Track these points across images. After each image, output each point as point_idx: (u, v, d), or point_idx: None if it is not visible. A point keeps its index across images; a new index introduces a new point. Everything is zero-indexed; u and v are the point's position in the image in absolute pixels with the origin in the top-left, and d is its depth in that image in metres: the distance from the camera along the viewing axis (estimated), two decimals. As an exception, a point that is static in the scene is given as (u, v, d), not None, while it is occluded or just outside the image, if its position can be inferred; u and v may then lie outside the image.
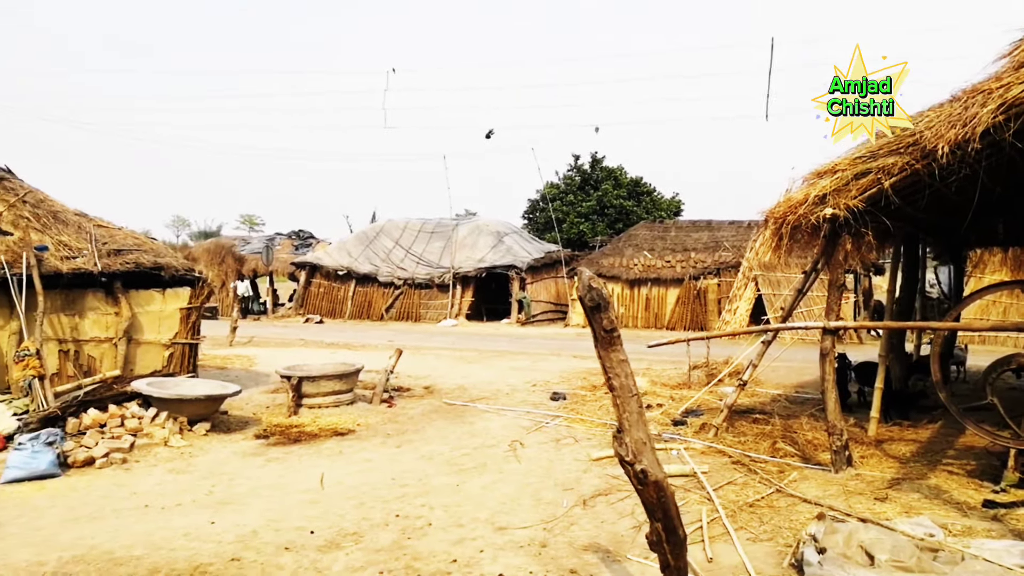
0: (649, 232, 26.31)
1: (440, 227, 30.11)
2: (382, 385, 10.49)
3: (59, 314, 9.05)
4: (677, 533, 3.11)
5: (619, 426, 3.04)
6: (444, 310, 27.02)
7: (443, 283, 27.34)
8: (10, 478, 6.45)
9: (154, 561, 4.65)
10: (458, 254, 27.98)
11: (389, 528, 5.28)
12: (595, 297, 2.88)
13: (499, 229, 29.56)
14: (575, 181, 39.06)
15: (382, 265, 28.61)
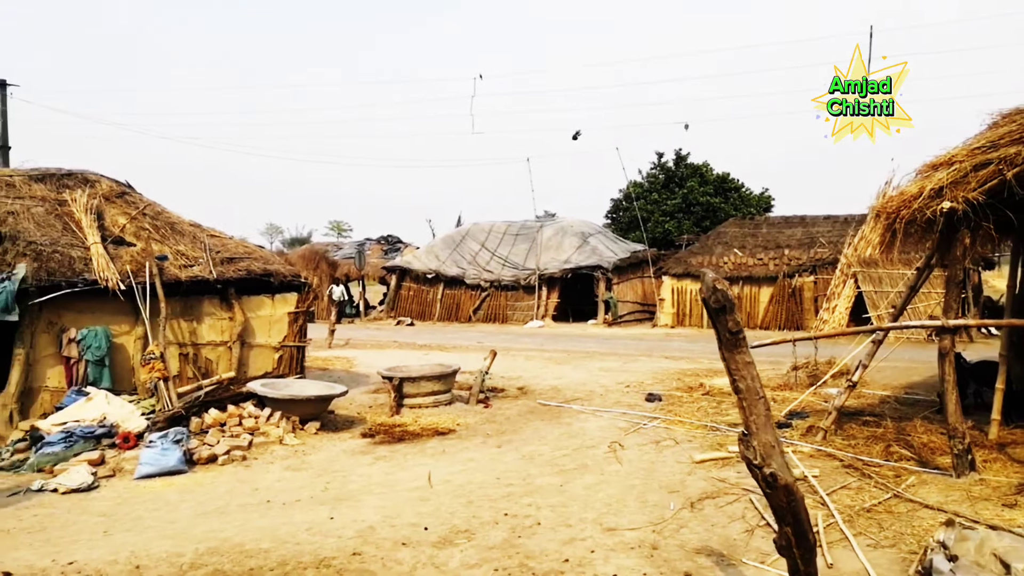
0: (739, 229, 25.69)
1: (524, 229, 30.29)
2: (478, 386, 10.67)
3: (179, 319, 9.63)
4: (807, 538, 3.06)
5: (746, 429, 3.02)
6: (530, 311, 27.17)
7: (529, 285, 27.49)
8: (143, 474, 6.93)
9: (281, 554, 4.91)
10: (543, 255, 28.08)
11: (499, 526, 5.39)
12: (720, 299, 2.87)
13: (584, 230, 29.49)
14: (659, 179, 38.52)
15: (469, 268, 29.03)
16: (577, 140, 27.75)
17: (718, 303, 2.88)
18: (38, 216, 9.46)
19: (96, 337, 8.74)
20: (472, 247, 30.04)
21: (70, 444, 7.34)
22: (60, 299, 8.66)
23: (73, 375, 8.69)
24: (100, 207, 10.03)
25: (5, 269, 8.45)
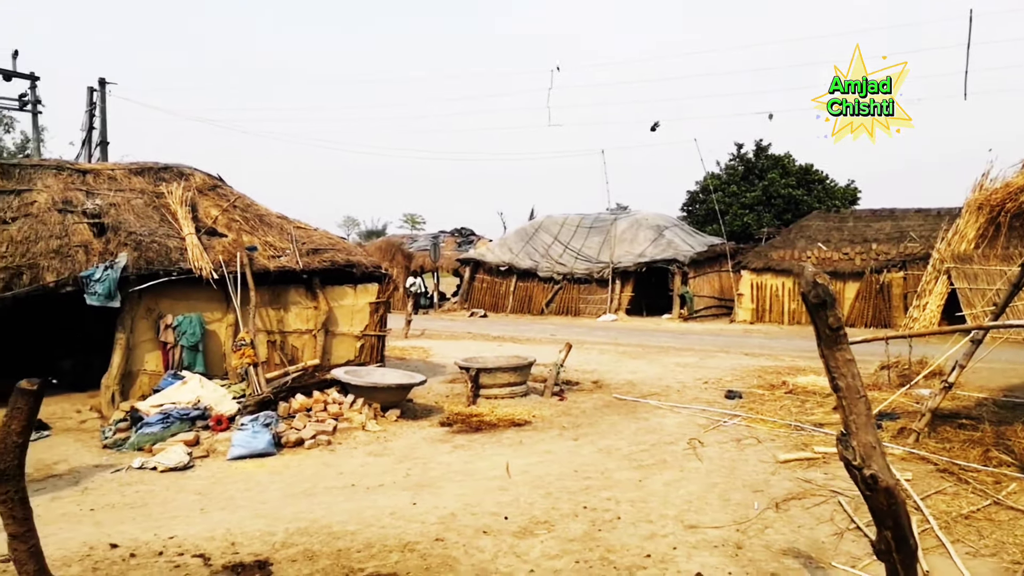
0: (823, 222, 24.81)
1: (598, 222, 30.08)
2: (553, 378, 10.68)
3: (267, 308, 10.01)
4: (908, 543, 2.95)
5: (844, 429, 2.92)
6: (603, 305, 26.99)
7: (602, 278, 27.31)
8: (235, 455, 7.24)
9: (367, 537, 5.05)
10: (617, 249, 27.83)
11: (579, 519, 5.39)
12: (820, 293, 2.79)
13: (659, 223, 29.07)
14: (738, 171, 37.58)
15: (541, 261, 29.05)
16: (656, 131, 27.26)
17: (818, 298, 2.79)
18: (138, 208, 9.98)
19: (191, 324, 9.18)
20: (545, 240, 30.04)
21: (167, 425, 7.73)
22: (157, 287, 9.13)
23: (169, 359, 9.16)
24: (194, 199, 10.50)
25: (108, 258, 8.96)
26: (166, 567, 4.58)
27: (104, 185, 10.29)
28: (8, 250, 8.77)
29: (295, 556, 4.73)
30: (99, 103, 20.55)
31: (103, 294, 8.55)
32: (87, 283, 8.58)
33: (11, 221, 9.20)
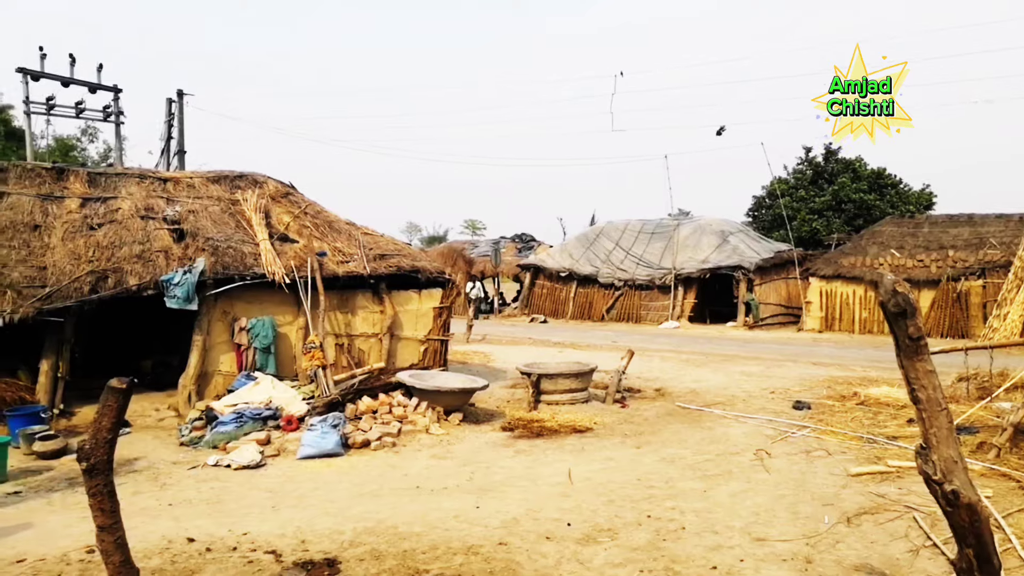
0: (896, 228, 23.90)
1: (660, 228, 29.72)
2: (615, 385, 10.61)
3: (335, 312, 10.26)
4: (991, 562, 2.84)
5: (924, 442, 2.83)
6: (665, 312, 26.65)
7: (664, 284, 26.97)
8: (304, 455, 7.45)
9: (432, 539, 5.12)
10: (680, 255, 27.45)
11: (642, 528, 5.35)
12: (900, 302, 2.71)
13: (723, 228, 28.53)
14: (806, 175, 36.55)
15: (602, 266, 28.88)
16: (722, 135, 26.75)
17: (898, 307, 2.72)
18: (214, 214, 10.39)
19: (263, 326, 9.49)
20: (606, 245, 29.86)
21: (240, 424, 8.01)
22: (232, 291, 9.48)
23: (243, 361, 9.48)
24: (267, 206, 10.87)
25: (187, 263, 9.34)
26: (239, 562, 4.75)
27: (183, 192, 10.74)
28: (95, 254, 9.25)
29: (362, 555, 4.83)
30: (177, 113, 21.47)
31: (182, 297, 8.93)
32: (167, 287, 8.97)
33: (98, 227, 9.71)
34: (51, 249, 9.27)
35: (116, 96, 20.78)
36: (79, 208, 10.00)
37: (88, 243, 9.40)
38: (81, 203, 10.09)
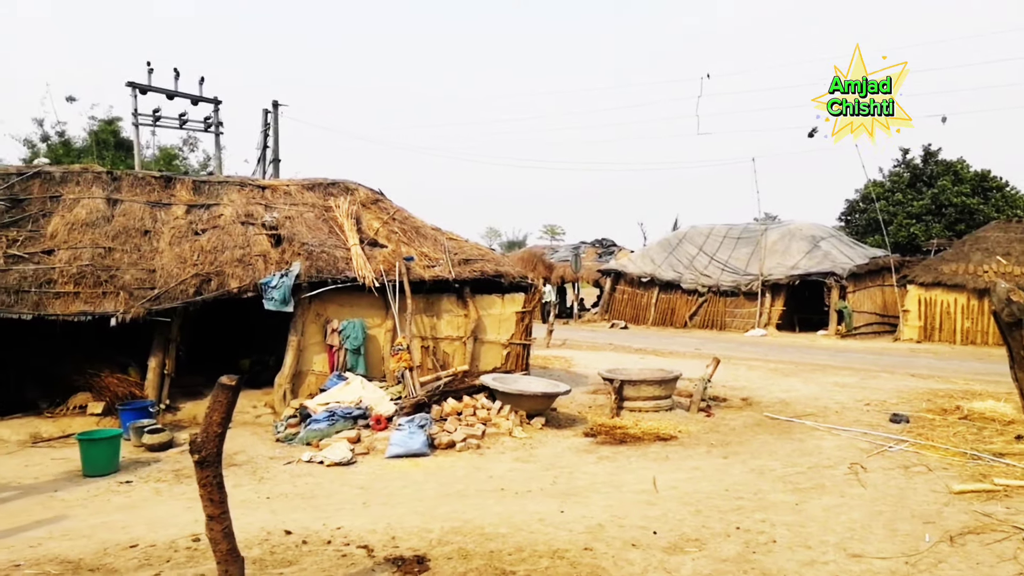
0: (1003, 234, 22.51)
1: (747, 232, 28.97)
2: (699, 394, 10.43)
3: (421, 315, 10.50)
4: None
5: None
6: (751, 319, 25.94)
7: (751, 291, 26.25)
8: (392, 454, 7.65)
9: (517, 541, 5.18)
10: (767, 260, 26.67)
11: (731, 539, 5.25)
12: (1015, 312, 2.59)
13: (814, 233, 27.54)
14: (903, 178, 34.90)
15: (685, 272, 28.37)
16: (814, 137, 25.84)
17: (1012, 316, 2.59)
18: (309, 220, 10.81)
19: (354, 328, 9.81)
20: (689, 251, 29.33)
21: (332, 423, 8.30)
22: (325, 293, 9.84)
23: (334, 361, 9.83)
24: (358, 212, 11.23)
25: (283, 267, 9.76)
26: (334, 555, 4.93)
27: (280, 199, 11.23)
28: (199, 258, 9.79)
29: (450, 554, 4.93)
30: (272, 123, 22.42)
31: (279, 300, 9.34)
32: (265, 289, 9.40)
33: (202, 232, 10.27)
34: (159, 253, 9.88)
35: (216, 108, 21.86)
36: (185, 214, 10.61)
37: (193, 248, 9.96)
38: (187, 210, 10.70)
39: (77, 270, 9.19)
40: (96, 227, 9.99)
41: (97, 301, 8.93)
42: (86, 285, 9.07)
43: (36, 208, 10.20)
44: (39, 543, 5.21)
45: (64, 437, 8.55)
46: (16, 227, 9.82)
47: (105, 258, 9.55)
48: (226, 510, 3.87)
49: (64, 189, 10.56)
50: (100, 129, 31.29)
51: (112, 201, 10.55)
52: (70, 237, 9.73)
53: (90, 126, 31.53)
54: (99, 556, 4.93)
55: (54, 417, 9.03)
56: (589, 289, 37.98)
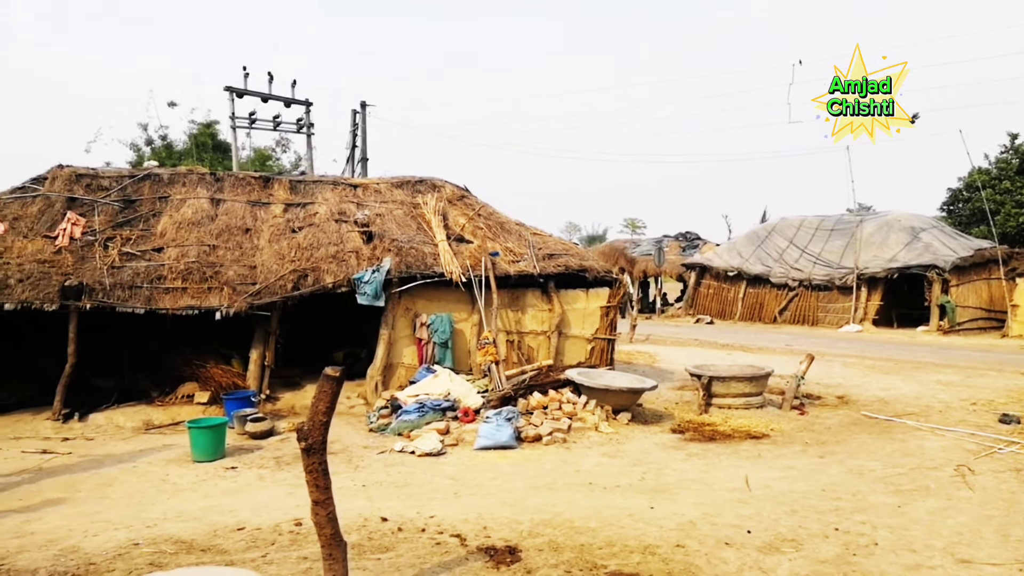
0: None
1: (841, 224, 27.81)
2: (792, 391, 10.13)
3: (506, 309, 10.61)
4: None
5: None
6: (846, 314, 24.92)
7: (845, 285, 25.21)
8: (480, 446, 7.78)
9: (607, 535, 5.18)
10: (863, 253, 25.54)
11: (829, 541, 5.10)
12: None
13: (913, 224, 26.17)
14: (1012, 164, 32.67)
15: (775, 266, 27.51)
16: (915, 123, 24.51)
17: None
18: (398, 217, 11.09)
19: (442, 322, 10.01)
20: (779, 244, 28.41)
21: (423, 414, 8.51)
22: (414, 288, 10.08)
23: (423, 354, 10.06)
24: (445, 209, 11.44)
25: (375, 263, 10.05)
26: (428, 543, 5.07)
27: (371, 197, 11.57)
28: (296, 255, 10.20)
29: (541, 546, 4.99)
30: (360, 124, 23.07)
31: (371, 294, 9.64)
32: (358, 284, 9.72)
33: (299, 230, 10.70)
34: (259, 250, 10.35)
35: (307, 109, 22.66)
36: (282, 213, 11.08)
37: (290, 244, 10.39)
38: (284, 208, 11.17)
39: (185, 267, 9.75)
40: (201, 226, 10.57)
41: (203, 296, 9.44)
42: (193, 281, 9.61)
43: (147, 208, 10.87)
44: (155, 523, 5.57)
45: (173, 424, 9.10)
46: (129, 226, 10.50)
47: (210, 255, 10.09)
48: (330, 496, 4.04)
49: (171, 190, 11.21)
50: (199, 132, 32.91)
51: (215, 201, 11.13)
52: (178, 235, 10.33)
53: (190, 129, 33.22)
54: (209, 537, 5.23)
55: (164, 406, 9.61)
56: (672, 283, 37.36)
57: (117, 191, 11.01)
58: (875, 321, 24.41)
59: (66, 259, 9.49)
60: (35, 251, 9.54)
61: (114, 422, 9.08)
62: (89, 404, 9.37)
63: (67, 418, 8.96)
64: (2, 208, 10.31)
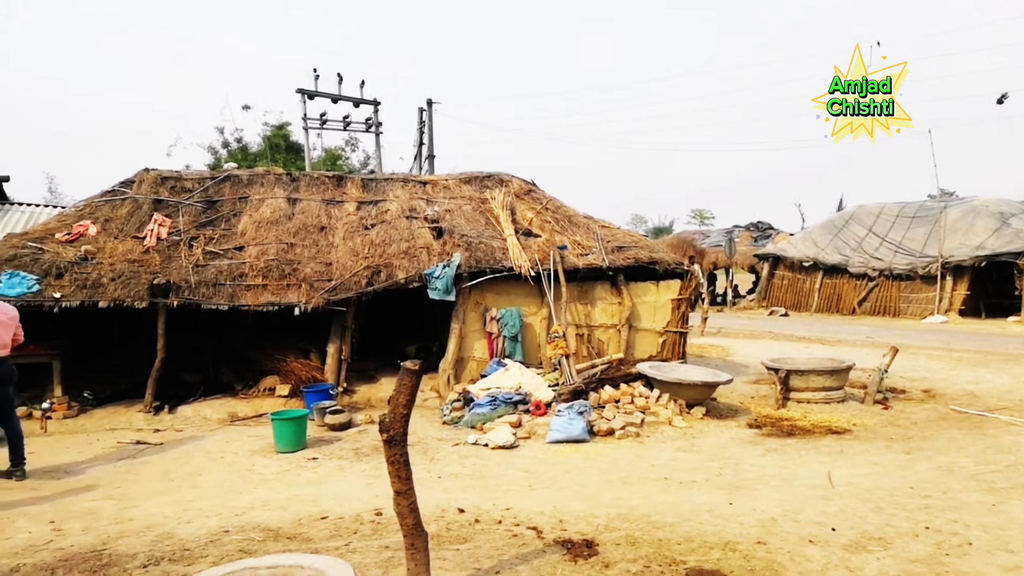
0: None
1: (923, 211, 26.60)
2: (875, 385, 9.77)
3: (576, 303, 10.59)
4: None
5: None
6: (930, 304, 23.86)
7: (928, 274, 24.13)
8: (553, 439, 7.79)
9: (686, 531, 5.12)
10: (947, 240, 24.37)
11: (919, 540, 4.91)
12: None
13: (1002, 209, 24.82)
14: (1115, 143, 30.62)
15: (853, 255, 26.55)
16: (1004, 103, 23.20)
17: None
18: (467, 213, 11.20)
19: (511, 316, 10.06)
20: (857, 232, 27.38)
21: (494, 407, 8.58)
22: (484, 283, 10.17)
23: (493, 348, 10.14)
24: (512, 203, 11.48)
25: (445, 258, 10.18)
26: (505, 535, 5.11)
27: (440, 194, 11.72)
28: (369, 251, 10.43)
29: (618, 540, 4.97)
30: (427, 121, 23.36)
31: (442, 289, 9.77)
32: (429, 280, 9.87)
33: (371, 227, 10.93)
34: (334, 247, 10.62)
35: (376, 109, 23.09)
36: (356, 210, 11.34)
37: (364, 241, 10.63)
38: (357, 206, 11.43)
39: (264, 264, 10.09)
40: (279, 224, 10.92)
41: (282, 292, 9.76)
42: (272, 278, 9.94)
43: (227, 208, 11.29)
44: (243, 511, 5.80)
45: (256, 416, 9.44)
46: (212, 226, 10.93)
47: (288, 253, 10.42)
48: (412, 486, 4.12)
49: (250, 190, 11.61)
50: (272, 134, 33.96)
51: (292, 200, 11.48)
52: (257, 234, 10.70)
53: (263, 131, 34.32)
54: (295, 526, 5.41)
55: (247, 398, 9.98)
56: (743, 275, 36.50)
57: (199, 192, 11.48)
58: (961, 311, 23.30)
59: (154, 258, 9.95)
60: (125, 251, 10.03)
61: (201, 414, 9.49)
62: (177, 397, 9.82)
63: (158, 410, 9.41)
64: (94, 211, 10.89)
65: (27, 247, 9.75)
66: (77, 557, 4.84)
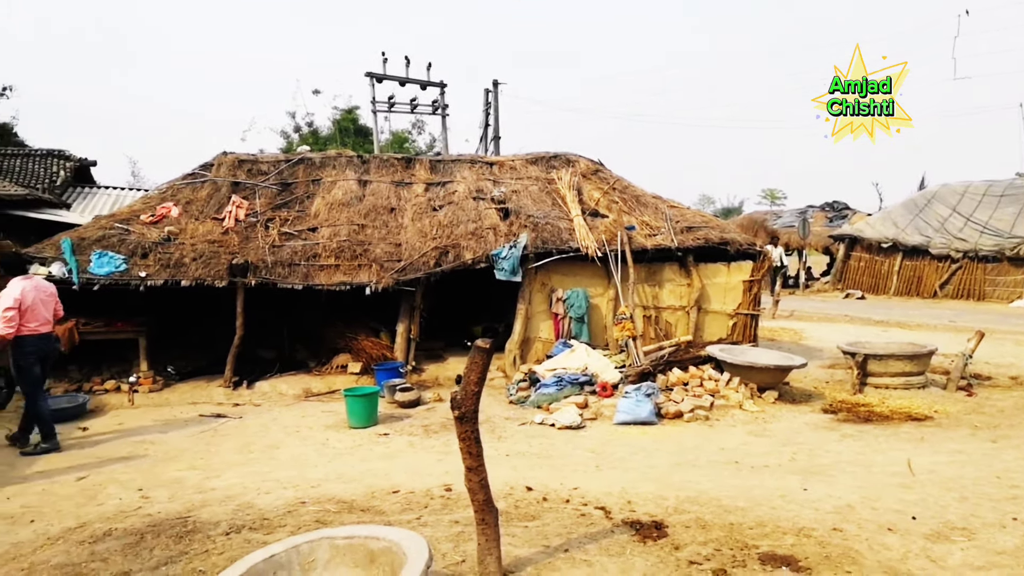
0: None
1: (1012, 189, 25.16)
2: (958, 371, 9.36)
3: (643, 284, 10.47)
4: None
5: None
6: (1018, 288, 22.63)
7: (1017, 256, 22.87)
8: (620, 420, 7.77)
9: (758, 515, 5.03)
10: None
11: (1007, 531, 4.69)
12: None
13: (1101, 186, 23.29)
14: None
15: (935, 236, 25.36)
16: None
17: None
18: (533, 193, 11.18)
19: (577, 297, 10.03)
20: (940, 212, 26.12)
21: (560, 387, 8.59)
22: (550, 263, 10.15)
23: (559, 329, 10.14)
24: (579, 184, 11.40)
25: (511, 239, 10.20)
26: (573, 514, 5.13)
27: (507, 175, 11.73)
28: (437, 232, 10.54)
29: (688, 523, 4.92)
30: (493, 102, 23.36)
31: (508, 270, 9.81)
32: (496, 260, 9.92)
33: (439, 208, 11.04)
34: (403, 228, 10.78)
35: (442, 91, 23.20)
36: (424, 192, 11.47)
37: (432, 222, 10.75)
38: (425, 188, 11.56)
39: (336, 245, 10.33)
40: (350, 206, 11.14)
41: (354, 272, 9.98)
42: (344, 258, 10.17)
43: (301, 191, 11.59)
44: (319, 484, 5.99)
45: (329, 393, 9.72)
46: (286, 208, 11.24)
47: (359, 234, 10.63)
48: (482, 463, 4.17)
49: (323, 173, 11.88)
50: (342, 118, 34.58)
51: (362, 182, 11.69)
52: (330, 216, 10.95)
53: (333, 115, 34.98)
54: (368, 499, 5.56)
55: (320, 375, 10.28)
56: (817, 256, 35.35)
57: (275, 175, 11.80)
58: (1055, 295, 22.03)
59: (232, 239, 10.31)
60: (205, 232, 10.42)
61: (277, 389, 9.83)
62: (255, 373, 10.19)
63: (236, 385, 9.78)
64: (176, 193, 11.33)
65: (114, 228, 10.23)
66: (164, 523, 5.10)
